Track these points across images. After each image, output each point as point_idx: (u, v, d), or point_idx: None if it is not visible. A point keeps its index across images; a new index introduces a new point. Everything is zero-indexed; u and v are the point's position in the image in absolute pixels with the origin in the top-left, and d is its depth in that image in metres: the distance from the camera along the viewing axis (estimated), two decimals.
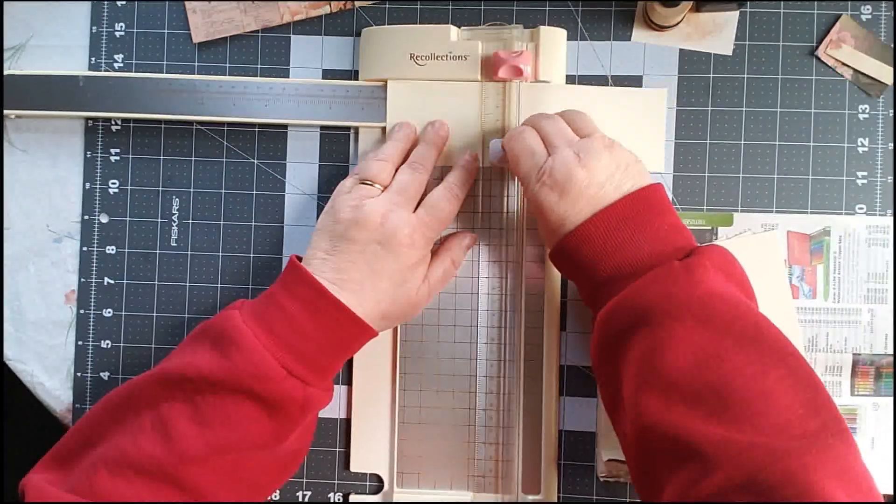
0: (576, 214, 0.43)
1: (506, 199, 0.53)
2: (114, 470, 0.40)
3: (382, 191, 0.48)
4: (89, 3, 0.57)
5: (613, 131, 0.47)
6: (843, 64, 0.53)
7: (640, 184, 0.43)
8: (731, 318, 0.38)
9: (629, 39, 0.54)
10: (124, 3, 0.56)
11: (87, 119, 0.57)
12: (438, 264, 0.49)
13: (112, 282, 0.56)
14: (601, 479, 0.53)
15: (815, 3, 0.54)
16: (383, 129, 0.54)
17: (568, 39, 0.54)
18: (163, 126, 0.56)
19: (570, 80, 0.54)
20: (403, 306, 0.47)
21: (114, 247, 0.56)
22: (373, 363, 0.54)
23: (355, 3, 0.55)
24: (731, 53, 0.54)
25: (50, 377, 0.57)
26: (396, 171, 0.49)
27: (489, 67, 0.52)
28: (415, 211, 0.47)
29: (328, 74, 0.55)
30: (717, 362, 0.36)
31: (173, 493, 0.41)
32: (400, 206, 0.47)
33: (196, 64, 0.56)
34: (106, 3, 0.57)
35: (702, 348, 0.37)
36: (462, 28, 0.54)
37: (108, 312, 0.56)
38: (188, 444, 0.41)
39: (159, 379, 0.43)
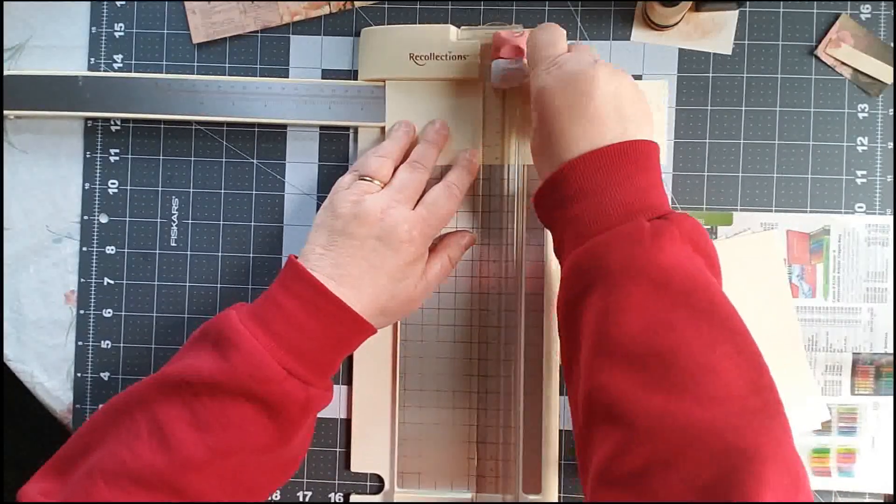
0: (570, 126, 0.42)
1: (506, 198, 0.53)
2: (111, 480, 0.40)
3: (382, 187, 0.48)
4: (89, 3, 0.57)
5: None
6: (843, 63, 0.53)
7: (640, 131, 0.42)
8: (688, 288, 0.37)
9: (629, 39, 0.54)
10: (124, 3, 0.57)
11: (87, 119, 0.57)
12: (436, 261, 0.49)
13: (112, 282, 0.56)
14: None
15: (815, 2, 0.54)
16: (383, 129, 0.54)
17: (568, 39, 0.54)
18: (162, 126, 0.56)
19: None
20: (401, 302, 0.47)
21: (113, 247, 0.56)
22: (373, 363, 0.54)
23: (354, 3, 0.55)
24: (730, 53, 0.54)
25: (50, 377, 0.57)
26: (396, 169, 0.49)
27: (489, 53, 0.52)
28: (414, 209, 0.47)
29: (328, 74, 0.55)
30: (667, 330, 0.36)
31: (172, 501, 0.40)
32: (400, 202, 0.47)
33: (195, 64, 0.56)
34: (105, 3, 0.57)
35: (654, 314, 0.37)
36: (461, 28, 0.54)
37: (107, 313, 0.56)
38: (189, 451, 0.40)
39: (158, 384, 0.42)
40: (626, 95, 0.43)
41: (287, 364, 0.42)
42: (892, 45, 0.53)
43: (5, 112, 0.55)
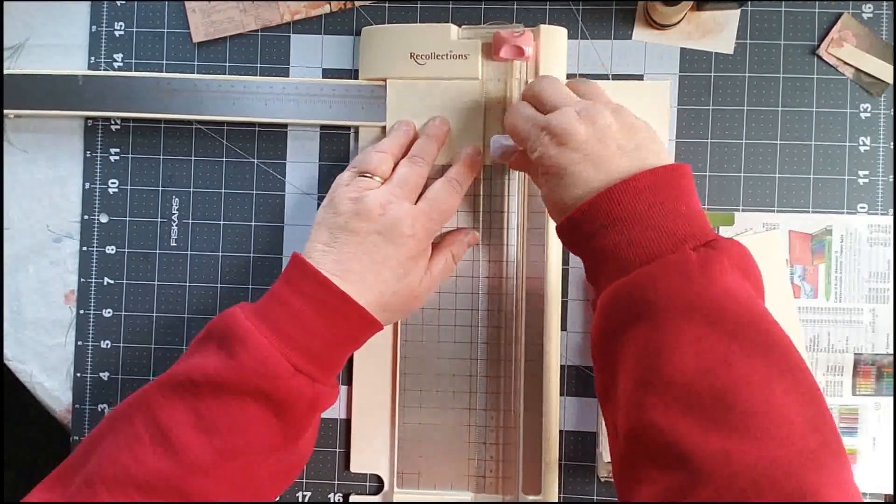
0: (581, 174, 0.41)
1: (506, 198, 0.53)
2: (113, 487, 0.39)
3: (382, 183, 0.47)
4: (89, 2, 0.57)
5: None
6: (845, 63, 0.53)
7: (658, 157, 0.41)
8: (743, 322, 0.36)
9: (630, 38, 0.54)
10: (124, 2, 0.56)
11: (87, 119, 0.56)
12: (440, 257, 0.49)
13: (112, 282, 0.56)
14: (601, 480, 0.53)
15: (817, 1, 0.54)
16: (383, 128, 0.54)
17: (569, 38, 0.54)
18: (162, 125, 0.56)
19: (571, 79, 0.54)
20: (405, 298, 0.47)
21: (113, 247, 0.56)
22: (373, 363, 0.54)
23: (355, 2, 0.55)
24: (732, 52, 0.54)
25: (49, 377, 0.57)
26: (396, 165, 0.49)
27: (490, 51, 0.52)
28: (415, 203, 0.47)
29: (328, 74, 0.55)
30: (724, 368, 0.34)
31: None
32: (400, 197, 0.46)
33: (196, 63, 0.56)
34: (105, 2, 0.56)
35: (709, 352, 0.35)
36: (462, 27, 0.53)
37: (107, 312, 0.56)
38: (195, 455, 0.40)
39: (159, 386, 0.42)
40: (622, 129, 0.42)
41: (294, 361, 0.41)
42: (893, 44, 0.53)
43: (5, 111, 0.55)
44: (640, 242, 0.39)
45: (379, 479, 0.54)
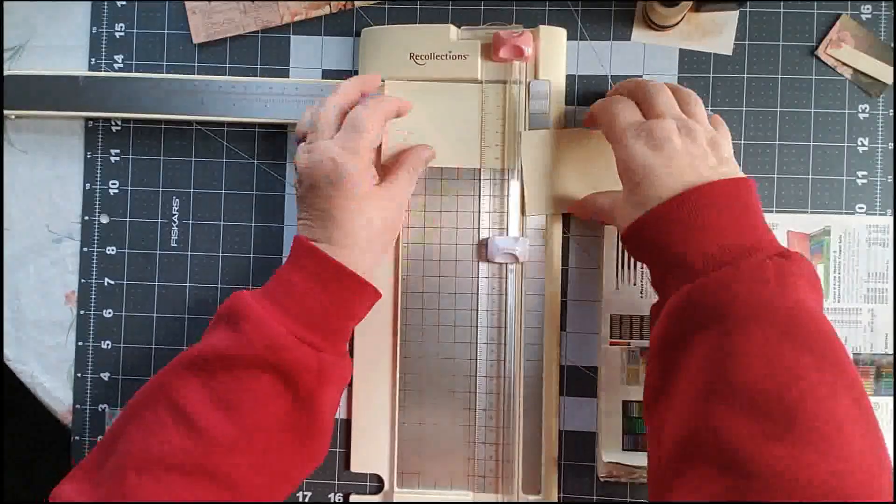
0: (664, 178, 0.42)
1: (506, 199, 0.53)
2: (143, 470, 0.40)
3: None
4: (89, 3, 0.57)
5: None
6: (843, 63, 0.53)
7: (737, 172, 0.43)
8: (814, 335, 0.36)
9: (629, 39, 0.54)
10: (124, 3, 0.57)
11: (87, 119, 0.57)
12: (399, 174, 0.49)
13: (112, 282, 0.56)
14: (601, 479, 0.53)
15: (815, 2, 0.54)
16: None
17: (568, 39, 0.54)
18: (163, 126, 0.56)
19: (570, 79, 0.54)
20: (385, 227, 0.47)
21: (114, 247, 0.56)
22: (373, 364, 0.54)
23: (355, 3, 0.55)
24: (731, 53, 0.54)
25: (50, 378, 0.57)
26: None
27: (489, 51, 0.52)
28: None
29: (328, 74, 0.55)
30: (794, 380, 0.35)
31: (207, 485, 0.40)
32: (319, 138, 0.46)
33: (196, 64, 0.56)
34: (106, 3, 0.57)
35: (780, 362, 0.35)
36: (462, 28, 0.54)
37: (108, 313, 0.56)
38: (216, 431, 0.41)
39: (173, 368, 0.43)
40: (716, 154, 0.43)
41: (297, 332, 0.43)
42: (892, 45, 0.53)
43: (6, 112, 0.55)
44: (715, 249, 0.39)
45: (379, 479, 0.54)
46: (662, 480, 0.38)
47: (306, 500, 0.55)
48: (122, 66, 0.57)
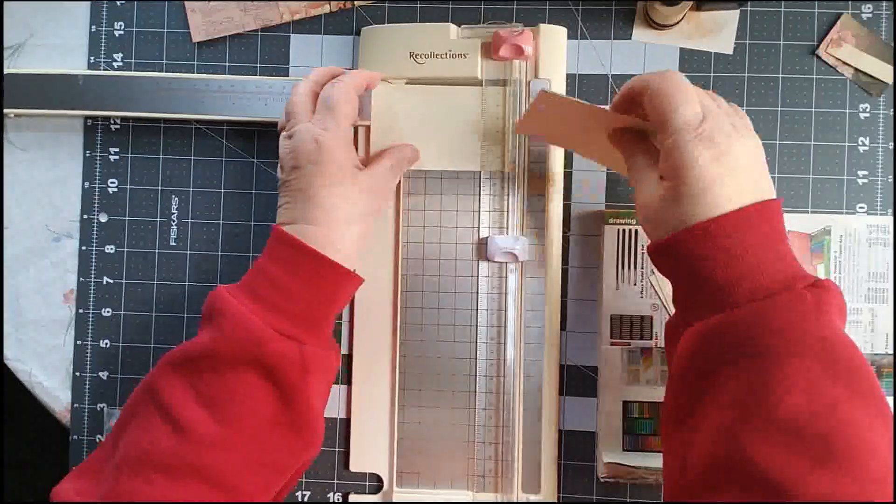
0: (717, 193, 0.38)
1: (506, 198, 0.53)
2: (134, 469, 0.40)
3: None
4: (88, 2, 0.57)
5: None
6: (844, 63, 0.53)
7: (771, 190, 0.41)
8: (852, 366, 0.36)
9: (630, 38, 0.54)
10: (123, 2, 0.56)
11: (87, 118, 0.56)
12: (384, 161, 0.49)
13: (111, 281, 0.56)
14: (601, 480, 0.53)
15: (816, 2, 0.54)
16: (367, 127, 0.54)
17: (568, 38, 0.54)
18: (162, 125, 0.56)
19: (571, 78, 0.54)
20: (364, 212, 0.47)
21: (113, 246, 0.56)
22: (373, 363, 0.54)
23: (355, 2, 0.55)
24: (731, 52, 0.54)
25: (49, 377, 0.57)
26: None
27: (489, 50, 0.52)
28: None
29: None
30: (832, 411, 0.35)
31: (195, 484, 0.40)
32: (297, 123, 0.47)
33: (195, 63, 0.56)
34: (105, 2, 0.57)
35: (820, 394, 0.35)
36: (462, 27, 0.53)
37: (107, 312, 0.56)
38: (201, 429, 0.41)
39: (161, 368, 0.44)
40: (759, 161, 0.41)
41: (276, 325, 0.43)
42: (893, 44, 0.53)
43: (5, 111, 0.55)
44: (751, 278, 0.38)
45: (378, 479, 0.54)
46: (682, 497, 0.38)
47: (305, 499, 0.55)
48: (121, 64, 0.56)
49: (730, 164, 0.39)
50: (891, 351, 0.53)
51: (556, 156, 0.53)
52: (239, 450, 0.42)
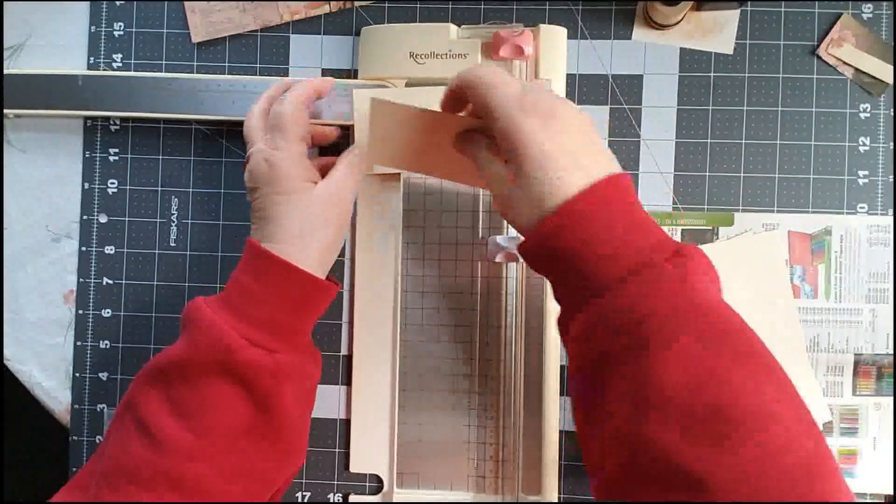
0: (563, 169, 0.38)
1: None
2: (112, 483, 0.40)
3: None
4: (88, 2, 0.57)
5: None
6: (844, 63, 0.53)
7: (615, 163, 0.40)
8: (726, 330, 0.36)
9: (630, 38, 0.54)
10: (123, 2, 0.56)
11: (86, 118, 0.56)
12: (342, 162, 0.49)
13: (111, 282, 0.56)
14: None
15: (816, 2, 0.53)
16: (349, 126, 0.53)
17: (568, 38, 0.54)
18: (162, 125, 0.56)
19: (571, 79, 0.54)
20: (322, 223, 0.46)
21: (112, 247, 0.56)
22: (372, 363, 0.54)
23: (355, 2, 0.55)
24: (731, 52, 0.54)
25: (48, 377, 0.57)
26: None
27: (489, 50, 0.52)
28: None
29: (328, 74, 0.55)
30: (717, 382, 0.34)
31: (171, 495, 0.40)
32: (254, 143, 0.47)
33: (195, 63, 0.56)
34: (105, 2, 0.56)
35: (701, 366, 0.35)
36: (462, 27, 0.53)
37: (106, 313, 0.56)
38: (175, 440, 0.41)
39: (137, 380, 0.44)
40: (587, 125, 0.41)
41: (246, 333, 0.42)
42: (893, 44, 0.53)
43: (5, 111, 0.55)
44: (613, 258, 0.37)
45: (378, 480, 0.54)
46: (609, 490, 0.37)
47: (305, 500, 0.55)
48: (120, 65, 0.56)
49: (559, 127, 0.39)
50: (891, 351, 0.53)
51: None
52: (214, 458, 0.42)
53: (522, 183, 0.39)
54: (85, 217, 0.56)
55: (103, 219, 0.56)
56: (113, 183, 0.56)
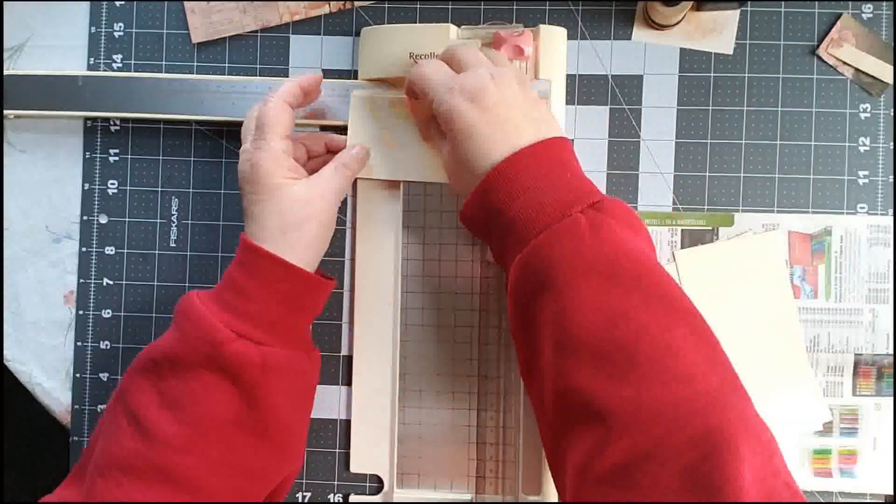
0: (488, 133, 0.42)
1: None
2: (105, 474, 0.41)
3: None
4: (88, 3, 0.57)
5: None
6: (844, 63, 0.53)
7: (557, 131, 0.44)
8: (637, 274, 0.38)
9: (629, 38, 0.54)
10: (123, 3, 0.56)
11: (86, 119, 0.56)
12: (330, 165, 0.48)
13: (111, 282, 0.56)
14: None
15: (816, 2, 0.53)
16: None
17: (568, 38, 0.54)
18: (162, 126, 0.56)
19: (571, 79, 0.54)
20: (302, 219, 0.46)
21: (113, 247, 0.56)
22: (373, 363, 0.54)
23: (354, 2, 0.55)
24: (731, 52, 0.54)
25: (49, 378, 0.57)
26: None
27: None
28: None
29: (328, 74, 0.55)
30: (625, 321, 0.36)
31: (161, 486, 0.41)
32: (243, 144, 0.48)
33: (195, 64, 0.56)
34: (105, 3, 0.56)
35: (609, 306, 0.37)
36: (462, 27, 0.53)
37: (107, 313, 0.56)
38: (164, 431, 0.41)
39: (129, 373, 0.44)
40: (527, 100, 0.44)
41: (234, 326, 0.43)
42: (893, 44, 0.53)
43: (5, 112, 0.55)
44: (535, 213, 0.40)
45: (379, 480, 0.54)
46: (554, 448, 0.39)
47: (306, 500, 0.55)
48: (120, 65, 0.56)
49: (488, 103, 0.42)
50: (891, 351, 0.53)
51: None
52: (203, 451, 0.42)
53: (457, 156, 0.44)
54: (85, 218, 0.56)
55: (103, 219, 0.56)
56: (113, 183, 0.56)
